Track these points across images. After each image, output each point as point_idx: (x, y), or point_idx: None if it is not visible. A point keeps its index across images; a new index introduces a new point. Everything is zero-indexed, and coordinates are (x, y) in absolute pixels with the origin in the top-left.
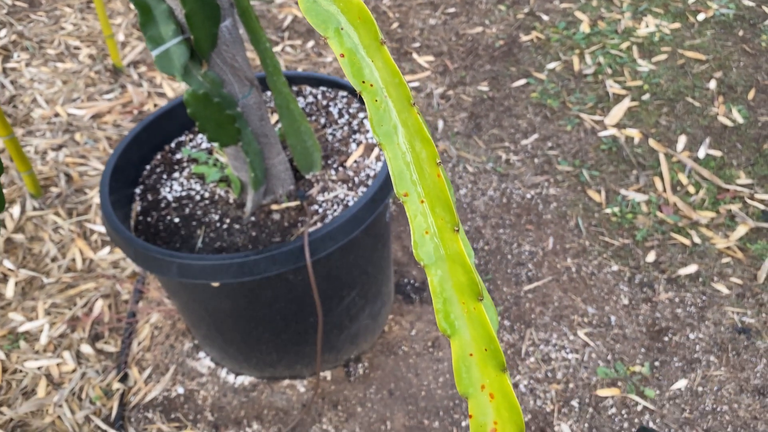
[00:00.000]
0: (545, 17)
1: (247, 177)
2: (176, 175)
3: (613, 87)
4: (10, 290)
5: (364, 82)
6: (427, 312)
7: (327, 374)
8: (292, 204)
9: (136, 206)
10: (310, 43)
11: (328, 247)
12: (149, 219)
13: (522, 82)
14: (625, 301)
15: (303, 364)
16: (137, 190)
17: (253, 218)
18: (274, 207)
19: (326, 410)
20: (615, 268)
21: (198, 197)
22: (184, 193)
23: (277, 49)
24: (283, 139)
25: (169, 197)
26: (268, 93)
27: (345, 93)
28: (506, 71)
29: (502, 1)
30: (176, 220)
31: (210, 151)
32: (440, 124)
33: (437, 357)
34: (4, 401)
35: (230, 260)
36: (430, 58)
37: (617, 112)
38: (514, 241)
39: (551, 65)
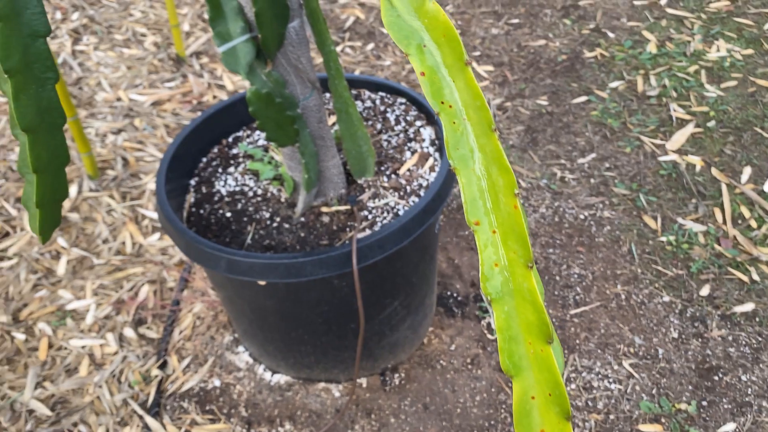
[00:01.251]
0: (611, 34)
1: (300, 177)
2: (231, 169)
3: (677, 111)
4: (61, 268)
5: (443, 102)
6: (468, 327)
7: (363, 381)
8: (342, 208)
9: (190, 197)
10: (370, 46)
11: (375, 255)
12: (201, 211)
13: (583, 99)
14: (675, 335)
15: (340, 369)
16: (192, 182)
17: (303, 219)
18: (325, 209)
19: (359, 417)
20: (666, 299)
21: (251, 193)
22: (237, 189)
23: (337, 48)
24: (338, 142)
25: (223, 191)
26: (327, 95)
27: (403, 100)
28: (567, 87)
29: (568, 15)
30: (228, 214)
31: (266, 149)
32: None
33: (475, 375)
34: (48, 376)
35: (278, 260)
36: (490, 68)
37: (680, 137)
38: (564, 263)
39: (614, 84)
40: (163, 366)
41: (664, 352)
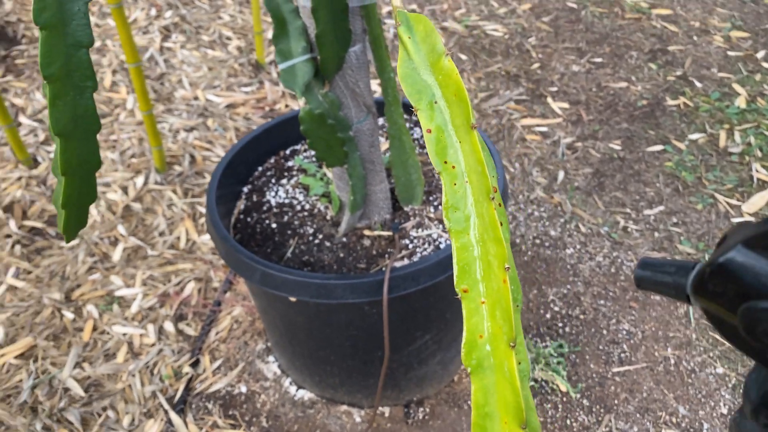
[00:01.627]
0: (698, 84)
1: (347, 198)
2: (284, 181)
3: (759, 172)
4: (117, 254)
5: (446, 162)
6: None
7: (386, 410)
8: (385, 233)
9: (240, 204)
10: None
11: (408, 287)
12: (249, 219)
13: (658, 147)
14: (724, 410)
15: (364, 395)
16: (245, 189)
17: (344, 239)
18: (367, 233)
19: None
20: (720, 370)
21: (299, 207)
22: (286, 201)
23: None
24: (388, 167)
25: (272, 202)
26: (382, 120)
27: None
28: (643, 133)
29: (655, 59)
30: (273, 225)
31: (320, 165)
32: (561, 174)
33: None
34: (88, 358)
35: (310, 279)
36: (565, 105)
37: (759, 200)
38: (614, 317)
39: (694, 136)
40: (195, 364)
41: (709, 427)
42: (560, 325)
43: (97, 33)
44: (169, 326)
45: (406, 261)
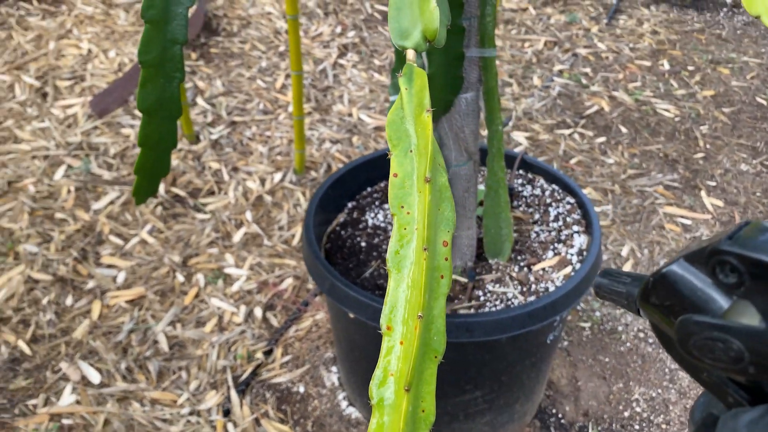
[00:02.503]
0: None
1: None
2: (386, 206)
3: None
4: (238, 236)
5: (402, 207)
6: None
7: None
8: (462, 279)
9: (341, 217)
10: (601, 139)
11: (460, 337)
12: (343, 232)
13: None
14: None
15: None
16: (349, 204)
17: None
18: None
19: None
20: None
21: (390, 233)
22: (382, 224)
23: (567, 131)
24: (480, 217)
25: (369, 222)
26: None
27: (573, 200)
28: None
29: None
30: (363, 244)
31: None
32: None
33: None
34: (182, 319)
35: (370, 301)
36: (720, 203)
37: None
38: None
39: None
40: (268, 353)
41: None
42: (636, 427)
43: (283, 39)
44: (258, 312)
45: (471, 311)
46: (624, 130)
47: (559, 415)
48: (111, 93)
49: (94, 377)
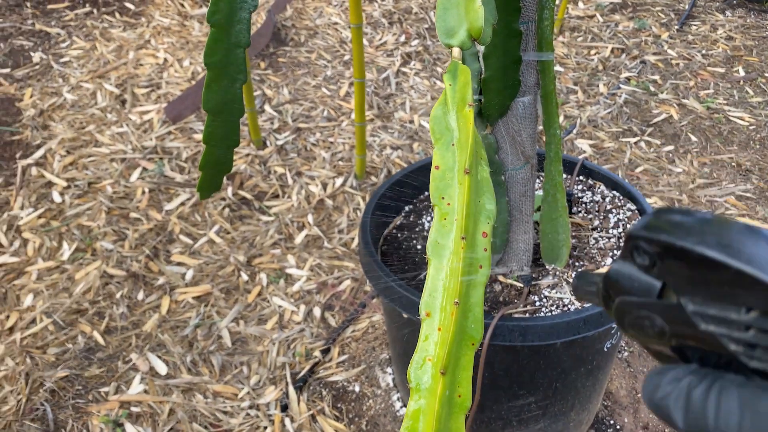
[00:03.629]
0: None
1: None
2: None
3: None
4: (299, 238)
5: (443, 198)
6: None
7: None
8: (518, 284)
9: (398, 220)
10: (669, 147)
11: (513, 340)
12: (400, 235)
13: None
14: None
15: None
16: (407, 208)
17: None
18: (501, 279)
19: None
20: None
21: None
22: None
23: (633, 140)
24: (537, 222)
25: (426, 225)
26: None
27: (634, 207)
28: None
29: None
30: (419, 246)
31: None
32: None
33: None
34: (245, 317)
35: (419, 299)
36: None
37: None
38: None
39: None
40: (325, 351)
41: None
42: None
43: (348, 48)
44: (317, 312)
45: (526, 316)
46: (694, 138)
47: (618, 427)
48: (184, 100)
49: (162, 368)
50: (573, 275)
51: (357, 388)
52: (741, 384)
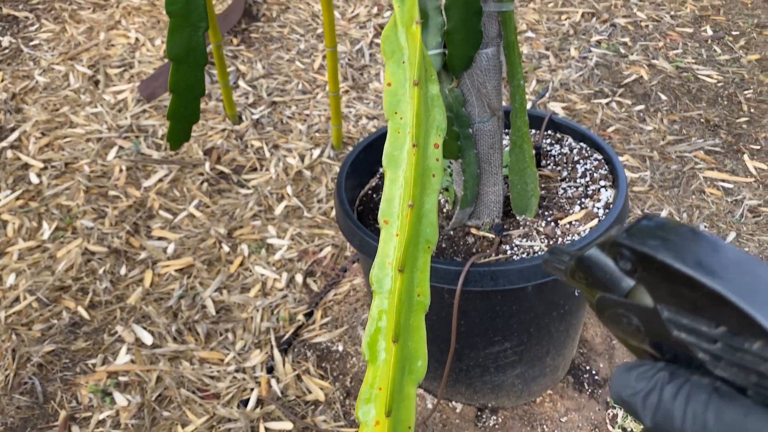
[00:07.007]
0: None
1: (459, 194)
2: None
3: None
4: (279, 209)
5: (396, 113)
6: (590, 408)
7: (458, 406)
8: (489, 235)
9: (373, 181)
10: (639, 107)
11: (485, 285)
12: (375, 195)
13: None
14: None
15: (438, 383)
16: (380, 169)
17: (451, 232)
18: (473, 231)
19: None
20: None
21: None
22: None
23: (604, 101)
24: (506, 174)
25: None
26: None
27: (600, 156)
28: None
29: None
30: None
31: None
32: (731, 235)
33: None
34: (228, 286)
35: None
36: (763, 166)
37: None
38: None
39: None
40: (308, 315)
41: None
42: None
43: (320, 22)
44: (299, 278)
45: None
46: (663, 97)
47: (593, 371)
48: (157, 78)
49: (147, 339)
50: (546, 251)
51: (341, 348)
52: (709, 390)
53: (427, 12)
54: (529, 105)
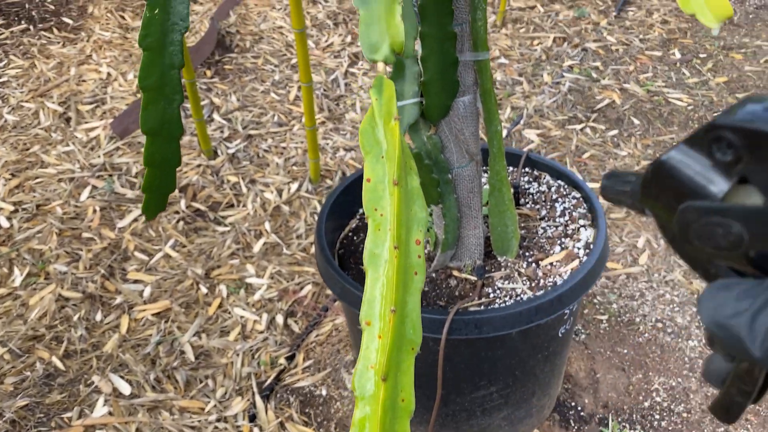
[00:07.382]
0: None
1: (441, 237)
2: None
3: None
4: (257, 247)
5: (376, 209)
6: None
7: None
8: (472, 277)
9: (353, 223)
10: (613, 132)
11: (470, 333)
12: (355, 238)
13: None
14: None
15: (425, 427)
16: (360, 210)
17: (433, 275)
18: (455, 273)
19: None
20: None
21: None
22: None
23: (578, 126)
24: (486, 216)
25: None
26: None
27: (579, 195)
28: None
29: None
30: None
31: None
32: None
33: None
34: (207, 330)
35: None
36: None
37: None
38: (724, 426)
39: None
40: (290, 358)
41: None
42: (657, 417)
43: (294, 52)
44: (279, 319)
45: (482, 308)
46: (636, 121)
47: (579, 408)
48: (130, 114)
49: (125, 389)
50: (602, 176)
51: (324, 392)
52: None
53: (403, 62)
54: (504, 132)
